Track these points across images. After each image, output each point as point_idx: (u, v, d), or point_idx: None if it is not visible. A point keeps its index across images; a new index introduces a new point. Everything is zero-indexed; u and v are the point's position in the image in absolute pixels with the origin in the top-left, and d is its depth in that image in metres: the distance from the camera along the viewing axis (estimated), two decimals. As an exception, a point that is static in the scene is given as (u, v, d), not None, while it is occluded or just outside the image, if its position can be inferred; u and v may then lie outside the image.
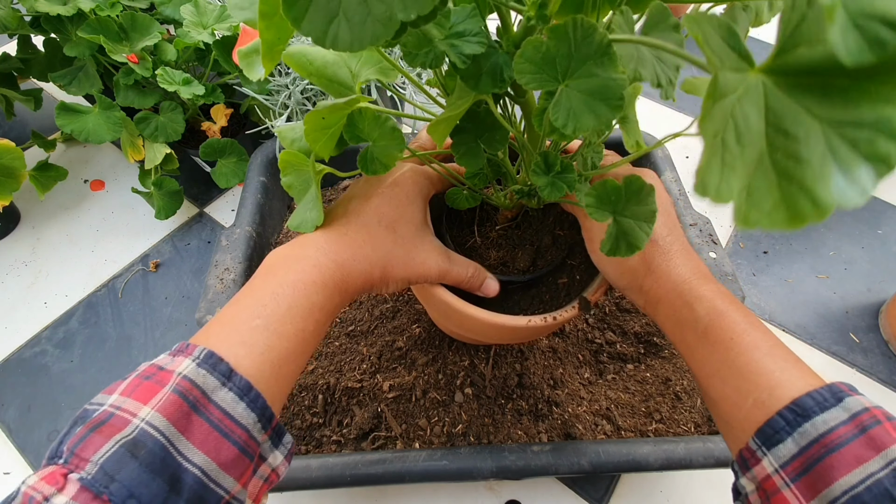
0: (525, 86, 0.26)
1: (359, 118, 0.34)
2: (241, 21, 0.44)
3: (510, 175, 0.43)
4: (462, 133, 0.35)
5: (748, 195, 0.19)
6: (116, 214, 0.86)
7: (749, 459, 0.32)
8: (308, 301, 0.35)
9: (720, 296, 0.37)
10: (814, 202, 0.18)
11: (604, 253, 0.34)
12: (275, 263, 0.37)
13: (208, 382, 0.29)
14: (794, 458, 0.29)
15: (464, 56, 0.28)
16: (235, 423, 0.29)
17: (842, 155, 0.18)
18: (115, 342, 0.72)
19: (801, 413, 0.30)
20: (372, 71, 0.37)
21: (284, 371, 0.33)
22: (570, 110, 0.25)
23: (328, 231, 0.38)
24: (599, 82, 0.25)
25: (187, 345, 0.31)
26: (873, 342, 0.74)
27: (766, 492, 0.31)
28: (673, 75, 0.28)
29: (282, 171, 0.38)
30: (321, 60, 0.37)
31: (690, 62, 0.23)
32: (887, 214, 0.89)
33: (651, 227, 0.33)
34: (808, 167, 0.18)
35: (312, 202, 0.37)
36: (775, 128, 0.19)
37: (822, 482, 0.28)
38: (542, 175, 0.34)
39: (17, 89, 0.83)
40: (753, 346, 0.34)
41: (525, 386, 0.57)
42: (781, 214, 0.19)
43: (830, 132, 0.18)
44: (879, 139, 0.17)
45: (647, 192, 0.32)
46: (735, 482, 0.35)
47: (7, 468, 0.63)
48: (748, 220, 0.19)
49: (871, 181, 0.17)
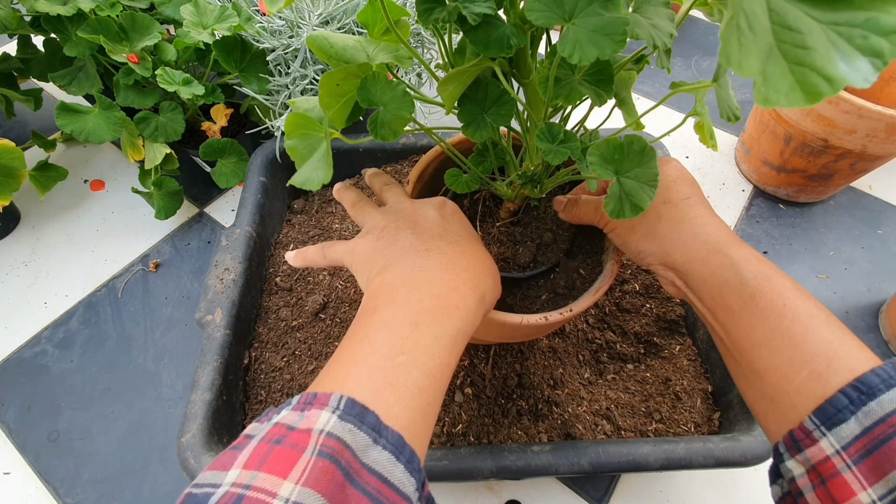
0: (535, 21, 0.27)
1: (372, 82, 0.34)
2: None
3: (513, 163, 0.44)
4: (469, 103, 0.36)
5: (764, 80, 0.21)
6: (116, 214, 0.86)
7: (802, 440, 0.29)
8: (454, 328, 0.30)
9: (763, 260, 0.35)
10: (827, 79, 0.20)
11: (608, 213, 0.33)
12: (393, 291, 0.32)
13: (358, 440, 0.23)
14: (858, 438, 0.27)
15: (474, 14, 0.29)
16: (396, 493, 0.23)
17: (842, 47, 0.20)
18: (115, 342, 0.72)
19: (865, 391, 0.28)
20: (388, 56, 0.37)
21: (430, 420, 0.28)
22: (576, 43, 0.27)
23: (432, 256, 0.34)
24: (604, 20, 0.27)
25: (315, 395, 0.25)
26: (873, 342, 0.74)
27: (820, 475, 0.29)
28: (668, 41, 0.29)
29: (287, 133, 0.38)
30: (341, 44, 0.38)
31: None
32: (887, 214, 0.89)
33: (654, 191, 0.33)
34: (815, 53, 0.20)
35: (320, 160, 0.36)
36: (780, 25, 0.21)
37: (889, 464, 0.26)
38: (547, 142, 0.35)
39: (17, 89, 0.83)
40: (808, 314, 0.32)
41: (525, 386, 0.57)
42: (798, 94, 0.20)
43: (828, 30, 0.20)
44: (871, 36, 0.20)
45: (649, 153, 0.33)
46: (775, 465, 0.32)
47: (7, 468, 0.63)
48: (768, 100, 0.21)
49: (871, 72, 0.20)
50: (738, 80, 1.10)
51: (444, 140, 0.44)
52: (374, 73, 0.34)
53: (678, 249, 0.37)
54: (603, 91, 0.33)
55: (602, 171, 0.33)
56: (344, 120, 0.37)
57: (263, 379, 0.60)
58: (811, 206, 0.91)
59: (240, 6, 0.72)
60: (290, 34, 0.73)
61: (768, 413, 0.33)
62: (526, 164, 0.42)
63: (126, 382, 0.69)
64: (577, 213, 0.45)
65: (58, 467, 0.63)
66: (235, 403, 0.56)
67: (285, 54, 0.73)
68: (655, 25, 0.29)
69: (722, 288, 0.35)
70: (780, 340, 0.32)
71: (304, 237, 0.71)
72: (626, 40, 0.27)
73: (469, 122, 0.36)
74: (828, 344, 0.30)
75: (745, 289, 0.34)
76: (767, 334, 0.32)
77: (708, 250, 0.36)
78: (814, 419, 0.29)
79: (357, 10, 0.72)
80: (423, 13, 0.30)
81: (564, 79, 0.33)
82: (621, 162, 0.34)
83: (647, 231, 0.39)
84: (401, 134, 0.35)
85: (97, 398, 0.67)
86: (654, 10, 0.30)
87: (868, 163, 0.78)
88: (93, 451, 0.64)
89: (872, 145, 0.73)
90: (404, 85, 0.35)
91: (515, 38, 0.30)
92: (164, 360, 0.71)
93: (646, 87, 1.09)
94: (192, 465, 0.47)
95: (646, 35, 0.28)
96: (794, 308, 0.32)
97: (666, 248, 0.38)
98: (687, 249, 0.37)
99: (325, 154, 0.37)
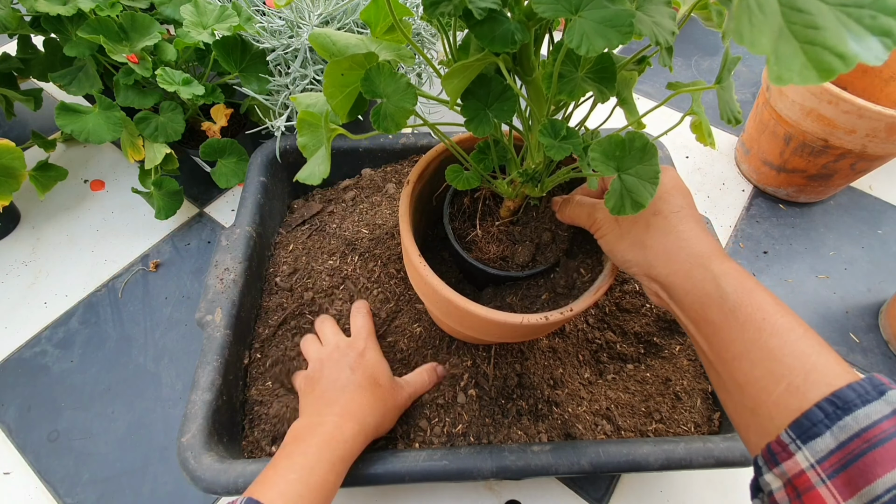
0: (542, 14, 0.28)
1: (376, 73, 0.35)
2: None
3: (514, 161, 0.44)
4: (472, 98, 0.36)
5: (777, 58, 0.21)
6: (116, 214, 0.86)
7: (779, 453, 0.30)
8: (332, 455, 0.44)
9: (745, 274, 0.35)
10: (840, 56, 0.20)
11: (609, 210, 0.34)
12: (298, 433, 0.47)
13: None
14: (833, 452, 0.27)
15: (480, 9, 0.30)
16: None
17: (851, 27, 0.20)
18: (115, 342, 0.72)
19: (841, 406, 0.28)
20: (390, 54, 0.37)
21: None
22: (583, 34, 0.27)
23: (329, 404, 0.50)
24: (610, 12, 0.27)
25: (234, 499, 0.40)
26: (873, 342, 0.74)
27: (796, 489, 0.29)
28: (670, 38, 0.29)
29: (298, 131, 0.39)
30: (343, 42, 0.38)
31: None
32: (887, 214, 0.89)
33: (655, 188, 0.33)
34: (826, 32, 0.20)
35: (322, 158, 0.38)
36: (789, 7, 0.21)
37: (862, 479, 0.26)
38: (550, 137, 0.35)
39: (17, 89, 0.83)
40: (787, 327, 0.32)
41: (525, 386, 0.57)
42: (811, 72, 0.21)
43: (837, 11, 0.20)
44: (880, 16, 0.20)
45: (651, 150, 0.33)
46: (755, 479, 0.32)
47: (7, 468, 0.63)
48: (781, 79, 0.21)
49: (882, 50, 0.20)
50: (738, 81, 1.11)
51: (447, 137, 0.44)
52: (379, 64, 0.34)
53: (662, 261, 0.38)
54: (606, 88, 0.33)
55: (604, 167, 0.34)
56: (347, 111, 0.37)
57: (263, 379, 0.60)
58: (811, 206, 0.91)
59: (240, 6, 0.72)
60: (290, 34, 0.73)
61: (749, 425, 0.33)
62: (527, 163, 0.42)
63: (126, 382, 0.69)
64: (570, 215, 0.45)
65: (58, 467, 0.63)
66: (235, 403, 0.56)
67: (285, 54, 0.73)
68: (658, 23, 0.30)
69: (703, 301, 0.35)
70: (759, 353, 0.32)
71: (304, 237, 0.71)
72: (632, 32, 0.27)
73: (472, 118, 0.36)
74: (806, 357, 0.30)
75: (726, 302, 0.34)
76: (747, 346, 0.33)
77: (691, 264, 0.36)
78: (790, 432, 0.29)
79: (357, 10, 0.73)
80: (429, 6, 0.30)
81: (568, 75, 0.33)
82: (623, 158, 0.34)
83: (635, 241, 0.39)
84: (403, 126, 0.35)
85: (97, 398, 0.67)
86: (657, 8, 0.30)
87: (868, 163, 0.78)
88: (93, 451, 0.64)
89: (872, 145, 0.73)
90: (407, 78, 0.35)
91: (520, 34, 0.31)
92: (164, 360, 0.71)
93: (646, 87, 1.09)
94: (192, 465, 0.47)
95: (649, 31, 0.29)
96: (774, 322, 0.32)
97: (651, 259, 0.38)
98: (671, 262, 0.37)
99: (325, 153, 0.38)
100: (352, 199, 0.73)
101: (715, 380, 0.36)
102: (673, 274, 0.37)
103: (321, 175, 0.38)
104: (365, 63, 0.34)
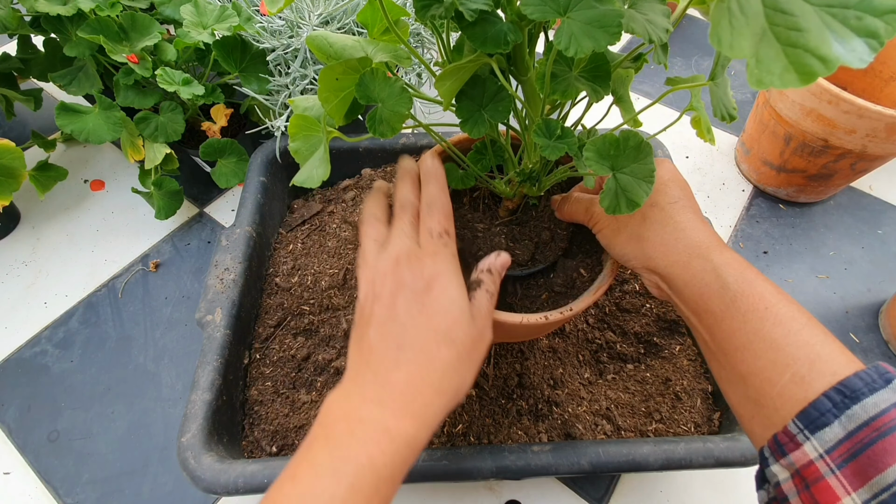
0: (530, 16, 0.27)
1: (370, 79, 0.34)
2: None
3: (511, 161, 0.44)
4: (466, 99, 0.36)
5: (757, 62, 0.21)
6: (116, 214, 0.86)
7: (786, 444, 0.29)
8: (376, 477, 0.30)
9: (746, 264, 0.35)
10: (821, 59, 0.20)
11: (604, 209, 0.33)
12: (329, 426, 0.31)
13: None
14: (841, 442, 0.27)
15: (471, 10, 0.30)
16: None
17: (836, 28, 0.20)
18: (115, 342, 0.72)
19: (848, 395, 0.28)
20: (387, 56, 0.37)
21: None
22: (571, 35, 0.27)
23: (400, 368, 0.32)
24: (598, 13, 0.27)
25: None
26: (873, 342, 0.74)
27: (804, 480, 0.28)
28: (663, 35, 0.29)
29: (290, 136, 0.38)
30: (340, 44, 0.38)
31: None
32: (887, 214, 0.89)
33: (650, 186, 0.33)
34: (809, 34, 0.20)
35: (320, 160, 0.38)
36: (773, 8, 0.21)
37: (872, 468, 0.26)
38: (544, 137, 0.35)
39: (17, 89, 0.83)
40: (790, 317, 0.31)
41: (525, 386, 0.57)
42: (792, 75, 0.20)
43: (822, 12, 0.20)
44: (866, 17, 0.19)
45: (645, 149, 0.33)
46: (761, 470, 0.32)
47: (7, 468, 0.63)
48: (761, 82, 0.21)
49: (867, 52, 0.20)
50: (738, 80, 1.11)
51: (444, 139, 0.44)
52: (373, 69, 0.34)
53: (660, 253, 0.37)
54: (599, 87, 0.33)
55: (598, 166, 0.33)
56: (342, 115, 0.37)
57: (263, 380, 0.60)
58: (811, 206, 0.91)
59: (240, 6, 0.72)
60: (290, 34, 0.73)
61: (753, 417, 0.32)
62: (525, 162, 0.43)
63: (126, 382, 0.69)
64: (568, 211, 0.45)
65: (58, 467, 0.63)
66: (235, 403, 0.56)
67: (285, 54, 0.73)
68: (651, 21, 0.30)
69: (703, 292, 0.35)
70: (762, 343, 0.31)
71: (304, 237, 0.71)
72: (621, 32, 0.27)
73: (467, 119, 0.36)
74: (810, 347, 0.30)
75: (727, 292, 0.34)
76: (750, 337, 0.32)
77: (690, 255, 0.36)
78: (797, 423, 0.29)
79: (357, 10, 0.73)
80: (420, 9, 0.30)
81: (561, 75, 0.33)
82: (617, 158, 0.34)
83: (632, 234, 0.39)
84: (398, 130, 0.35)
85: (97, 398, 0.67)
86: (649, 5, 0.30)
87: (868, 163, 0.78)
88: (93, 451, 0.64)
89: (872, 145, 0.73)
90: (402, 82, 0.35)
91: (512, 35, 0.31)
92: (164, 360, 0.71)
93: (644, 86, 1.09)
94: (192, 465, 0.47)
95: (641, 30, 0.29)
96: (776, 311, 0.32)
97: (649, 251, 0.38)
98: (669, 253, 0.37)
99: (323, 155, 0.38)
100: (352, 199, 0.73)
101: (717, 371, 0.36)
102: (671, 265, 0.37)
103: (320, 178, 0.37)
104: (359, 67, 0.34)
